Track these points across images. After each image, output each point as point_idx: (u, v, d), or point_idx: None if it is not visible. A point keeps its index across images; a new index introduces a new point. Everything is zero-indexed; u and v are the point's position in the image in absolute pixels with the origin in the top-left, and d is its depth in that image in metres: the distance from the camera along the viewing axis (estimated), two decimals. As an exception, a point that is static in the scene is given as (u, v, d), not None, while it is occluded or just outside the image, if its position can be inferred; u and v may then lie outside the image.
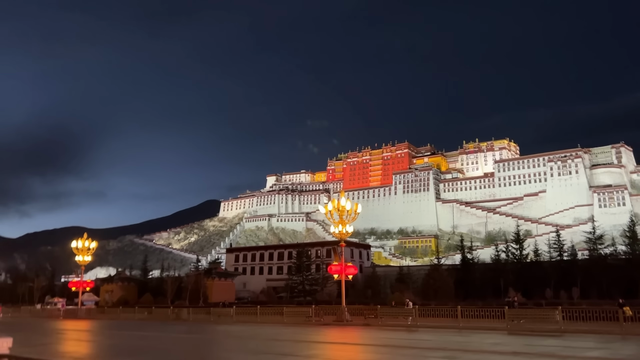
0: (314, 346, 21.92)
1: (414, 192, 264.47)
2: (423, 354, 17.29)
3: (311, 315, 42.33)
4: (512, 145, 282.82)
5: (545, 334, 27.46)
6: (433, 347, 20.07)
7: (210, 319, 48.28)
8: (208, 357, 16.86)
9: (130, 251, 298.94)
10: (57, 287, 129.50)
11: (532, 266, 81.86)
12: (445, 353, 17.40)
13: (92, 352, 20.14)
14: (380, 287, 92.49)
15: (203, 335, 30.08)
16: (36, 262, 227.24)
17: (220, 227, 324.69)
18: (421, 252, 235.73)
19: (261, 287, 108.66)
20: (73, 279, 76.88)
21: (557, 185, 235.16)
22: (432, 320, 37.32)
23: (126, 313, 58.31)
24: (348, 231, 42.81)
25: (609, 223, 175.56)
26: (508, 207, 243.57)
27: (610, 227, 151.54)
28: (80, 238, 64.01)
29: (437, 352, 17.63)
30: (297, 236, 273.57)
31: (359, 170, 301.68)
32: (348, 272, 42.60)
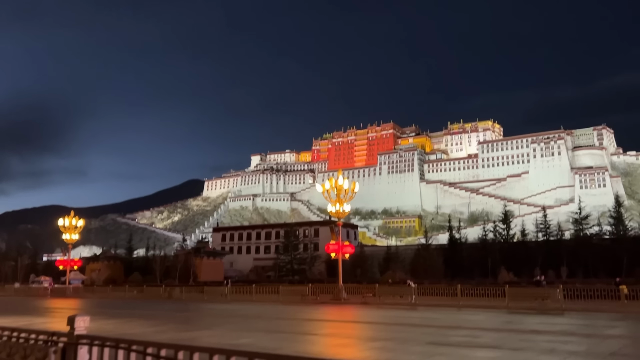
0: (325, 325, 21.71)
1: (398, 172, 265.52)
2: (444, 333, 17.12)
3: (307, 294, 42.21)
4: (496, 127, 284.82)
5: (547, 313, 27.67)
6: (448, 325, 19.97)
7: (203, 298, 47.89)
8: (225, 337, 16.46)
9: (113, 230, 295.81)
10: (39, 265, 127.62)
11: (519, 246, 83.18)
12: (465, 332, 17.27)
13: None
14: (368, 267, 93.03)
15: (206, 313, 29.72)
16: (16, 241, 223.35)
17: (204, 206, 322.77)
18: (405, 232, 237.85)
19: (248, 266, 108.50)
20: (60, 258, 75.63)
21: (539, 167, 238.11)
22: (430, 299, 37.45)
23: (116, 292, 57.62)
24: (345, 210, 42.50)
25: (590, 204, 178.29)
26: (491, 187, 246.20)
27: (591, 208, 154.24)
28: (66, 216, 62.68)
29: (457, 331, 17.48)
30: (281, 216, 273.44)
31: (344, 150, 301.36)
32: (345, 250, 42.47)
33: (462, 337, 15.75)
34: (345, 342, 15.00)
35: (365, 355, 12.15)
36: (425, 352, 12.55)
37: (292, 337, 16.50)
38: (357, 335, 17.37)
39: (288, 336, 16.77)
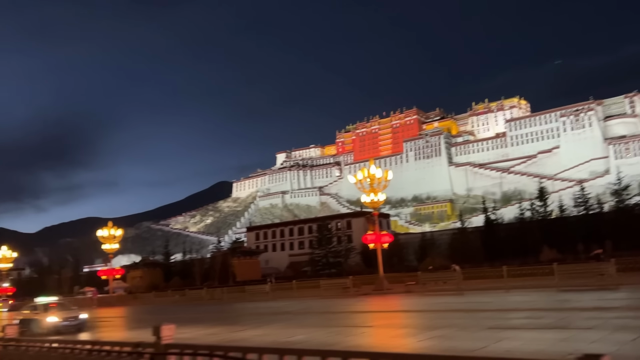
0: (375, 316, 21.41)
1: (425, 158, 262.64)
2: (502, 316, 16.63)
3: (349, 286, 41.95)
4: (523, 103, 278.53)
5: (602, 289, 26.73)
6: (502, 308, 19.45)
7: (245, 297, 48.14)
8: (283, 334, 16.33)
9: (148, 237, 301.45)
10: (82, 277, 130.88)
11: (558, 222, 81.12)
12: (524, 314, 16.75)
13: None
14: (404, 255, 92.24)
15: (252, 312, 29.77)
16: (57, 254, 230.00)
17: (234, 207, 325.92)
18: (437, 218, 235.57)
19: (283, 263, 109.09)
20: (102, 268, 77.27)
21: (571, 140, 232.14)
22: (474, 283, 36.74)
23: (159, 297, 58.47)
24: (380, 199, 42.02)
25: (628, 174, 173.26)
26: (522, 165, 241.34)
27: (629, 178, 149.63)
28: (105, 227, 63.89)
29: (515, 314, 16.99)
30: (311, 211, 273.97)
31: (369, 140, 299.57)
32: (383, 240, 42.01)
33: (523, 319, 15.25)
34: (402, 333, 14.66)
35: (428, 344, 11.80)
36: (490, 337, 12.12)
37: (346, 330, 16.25)
38: (412, 324, 17.00)
39: (342, 330, 16.52)
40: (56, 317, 23.79)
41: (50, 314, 24.18)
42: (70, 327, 23.32)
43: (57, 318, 23.70)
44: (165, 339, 4.39)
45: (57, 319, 23.68)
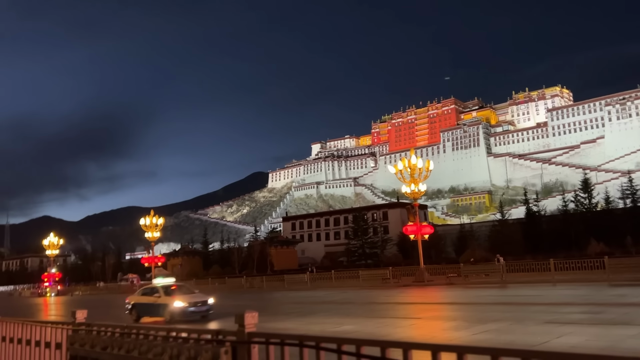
0: (421, 308, 21.08)
1: (463, 148, 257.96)
2: (556, 310, 16.05)
3: (388, 277, 41.62)
4: (565, 92, 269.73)
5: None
6: (555, 302, 18.82)
7: (284, 286, 48.43)
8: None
9: (187, 226, 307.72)
10: (124, 264, 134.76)
11: (604, 215, 78.36)
12: (580, 308, 16.12)
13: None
14: (442, 247, 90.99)
15: (293, 301, 29.85)
16: (100, 242, 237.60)
17: (270, 197, 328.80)
18: (475, 209, 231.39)
19: (319, 253, 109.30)
20: (144, 255, 79.18)
21: (616, 130, 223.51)
22: (518, 276, 35.84)
23: (199, 285, 59.41)
24: (421, 190, 41.38)
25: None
26: (564, 156, 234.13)
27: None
28: (147, 215, 65.23)
29: (570, 308, 16.37)
30: (346, 201, 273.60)
31: (405, 130, 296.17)
32: (424, 231, 41.42)
33: (581, 313, 14.66)
34: (453, 325, 14.30)
35: (484, 337, 11.44)
36: (549, 331, 11.66)
37: (395, 322, 16.01)
38: (461, 317, 16.59)
39: (390, 321, 16.29)
40: (183, 301, 20.30)
41: (176, 298, 20.64)
42: (197, 313, 20.39)
43: (184, 303, 20.25)
44: (248, 327, 4.26)
45: (183, 303, 20.22)
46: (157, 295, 21.41)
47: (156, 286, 22.59)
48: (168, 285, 22.58)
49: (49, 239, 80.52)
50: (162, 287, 22.07)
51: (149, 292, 22.47)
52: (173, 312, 20.02)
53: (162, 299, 20.93)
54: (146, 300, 21.82)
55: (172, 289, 22.05)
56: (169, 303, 20.31)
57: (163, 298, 20.94)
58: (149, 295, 22.06)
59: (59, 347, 7.04)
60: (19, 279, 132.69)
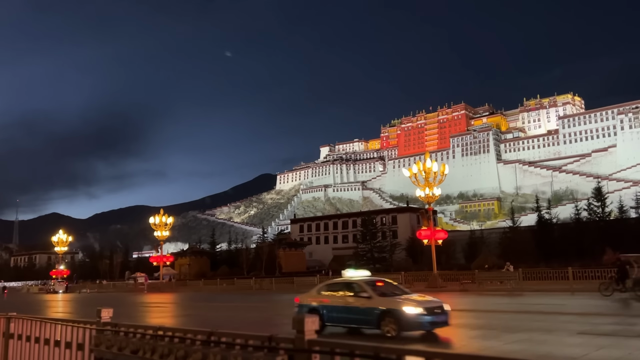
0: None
1: (473, 154, 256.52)
2: (586, 321, 15.42)
3: (401, 282, 40.92)
4: (577, 100, 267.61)
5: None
6: (582, 312, 18.18)
7: (293, 288, 47.86)
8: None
9: (194, 226, 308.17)
10: (131, 263, 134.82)
11: (617, 224, 77.30)
12: (611, 319, 15.48)
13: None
14: (451, 253, 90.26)
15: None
16: (107, 240, 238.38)
17: (277, 199, 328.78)
18: (484, 216, 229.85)
19: (327, 256, 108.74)
20: (153, 254, 79.08)
21: (628, 139, 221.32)
22: (534, 284, 35.13)
23: (208, 285, 59.17)
24: (435, 194, 40.77)
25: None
26: (575, 164, 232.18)
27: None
28: (157, 214, 65.14)
29: (601, 318, 15.74)
30: (353, 205, 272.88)
31: (414, 135, 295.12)
32: (438, 236, 40.82)
33: (614, 325, 14.04)
34: (480, 334, 13.73)
35: (518, 348, 10.89)
36: (585, 343, 11.08)
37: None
38: (486, 325, 16.00)
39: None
40: (416, 306, 13.89)
41: (402, 300, 14.29)
42: (436, 324, 14.02)
43: (418, 309, 13.80)
44: (308, 334, 3.75)
45: (417, 309, 13.76)
46: (365, 295, 14.78)
47: (354, 281, 15.81)
48: (371, 280, 16.03)
49: (58, 236, 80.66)
50: (365, 282, 15.47)
51: (341, 290, 15.86)
52: (402, 321, 13.66)
53: (374, 300, 14.49)
54: (339, 302, 15.34)
55: (379, 285, 15.64)
56: (393, 308, 13.94)
57: (375, 300, 14.50)
58: (342, 295, 15.60)
59: (81, 348, 6.58)
60: (27, 275, 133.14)
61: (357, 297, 14.84)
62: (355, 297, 14.89)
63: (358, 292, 15.02)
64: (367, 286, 15.08)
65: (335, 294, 15.78)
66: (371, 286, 15.21)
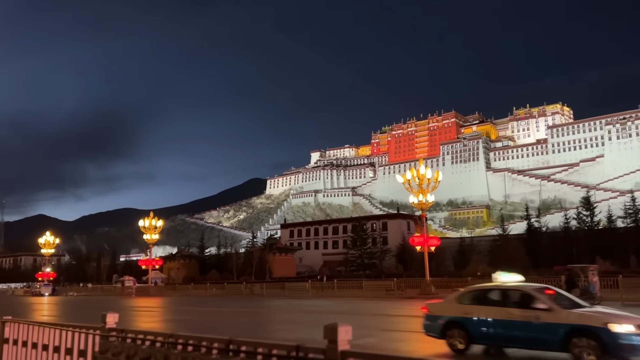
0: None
1: (462, 162, 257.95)
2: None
3: (393, 288, 40.85)
4: (566, 110, 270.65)
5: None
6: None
7: (285, 294, 47.57)
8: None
9: (183, 230, 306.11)
10: (118, 266, 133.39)
11: (606, 233, 77.96)
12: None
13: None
14: (440, 260, 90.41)
15: (300, 310, 29.04)
16: (94, 243, 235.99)
17: (267, 204, 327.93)
18: (472, 224, 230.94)
19: (317, 261, 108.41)
20: (142, 258, 78.22)
21: (616, 149, 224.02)
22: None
23: (197, 289, 58.58)
24: (429, 201, 40.73)
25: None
26: (563, 174, 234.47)
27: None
28: (146, 217, 64.46)
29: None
30: (343, 211, 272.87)
31: (405, 142, 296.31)
32: (430, 243, 40.78)
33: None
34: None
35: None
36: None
37: (418, 337, 15.24)
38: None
39: (411, 335, 15.55)
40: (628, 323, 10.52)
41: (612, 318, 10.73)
42: None
43: (630, 326, 10.41)
44: (341, 344, 3.52)
45: (629, 327, 10.37)
46: (541, 307, 11.38)
47: (520, 288, 12.40)
48: (539, 288, 12.72)
49: (45, 238, 79.54)
50: (535, 290, 12.21)
51: (497, 299, 12.52)
52: (608, 344, 10.24)
53: (557, 314, 11.08)
54: (498, 315, 11.98)
55: (549, 294, 12.11)
56: (590, 325, 10.60)
57: (559, 313, 11.11)
58: (500, 306, 12.18)
59: (83, 354, 6.28)
60: (12, 277, 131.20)
61: (526, 309, 11.52)
62: (524, 309, 11.57)
63: (527, 302, 11.70)
64: (542, 295, 11.75)
65: (487, 303, 12.46)
66: (547, 296, 11.87)
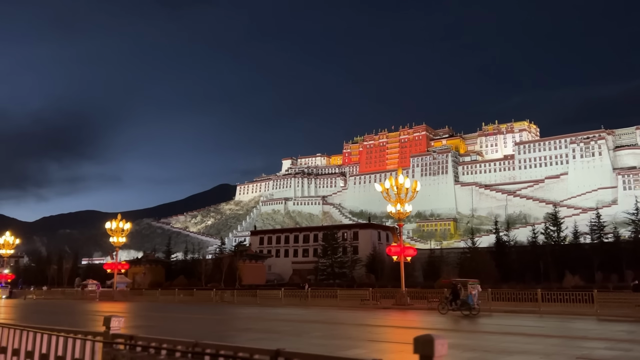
0: (422, 333, 19.95)
1: (432, 174, 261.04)
2: (575, 344, 15.11)
3: (368, 298, 40.41)
4: (533, 127, 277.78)
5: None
6: (565, 335, 17.95)
7: (256, 302, 46.54)
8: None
9: (148, 234, 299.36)
10: (80, 269, 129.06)
11: (572, 249, 79.67)
12: (600, 343, 15.20)
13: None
14: (409, 271, 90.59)
15: (276, 319, 28.23)
16: (55, 244, 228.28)
17: (236, 210, 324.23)
18: (440, 236, 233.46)
19: (286, 269, 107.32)
20: (106, 261, 75.66)
21: (579, 168, 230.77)
22: (501, 305, 35.18)
23: (165, 295, 56.90)
24: (407, 210, 40.56)
25: (633, 205, 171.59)
26: (529, 189, 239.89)
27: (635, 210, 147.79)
28: (114, 219, 62.43)
29: (589, 342, 15.46)
30: (313, 219, 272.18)
31: (376, 153, 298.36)
32: (407, 253, 40.56)
33: (608, 350, 13.76)
34: (478, 356, 13.16)
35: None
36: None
37: (406, 347, 14.79)
38: (478, 346, 15.47)
39: (401, 347, 15.05)
40: None
41: None
42: None
43: None
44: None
45: None
46: None
47: None
48: None
49: (4, 238, 76.14)
50: None
51: None
52: None
53: None
54: None
55: None
56: None
57: None
58: None
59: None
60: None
61: None
62: None
63: None
64: None
65: None
66: None
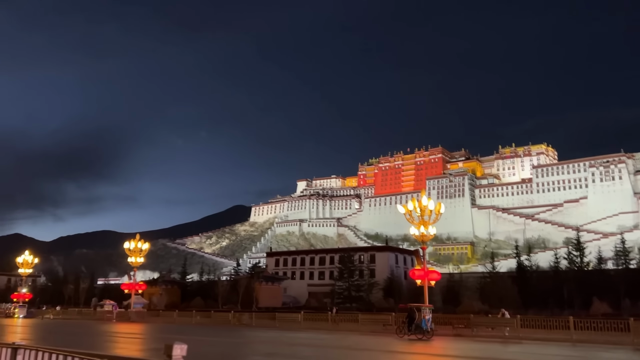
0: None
1: (448, 197, 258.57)
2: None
3: (391, 323, 39.37)
4: (550, 150, 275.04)
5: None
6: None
7: (275, 325, 45.72)
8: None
9: (163, 255, 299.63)
10: (96, 289, 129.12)
11: (596, 274, 77.50)
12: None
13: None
14: (429, 295, 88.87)
15: (299, 343, 27.50)
16: (72, 264, 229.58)
17: (251, 231, 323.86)
18: (457, 259, 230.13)
19: (302, 292, 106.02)
20: (123, 282, 75.45)
21: (599, 192, 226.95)
22: (531, 332, 33.98)
23: (182, 317, 56.25)
24: (430, 233, 39.71)
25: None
26: (547, 213, 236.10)
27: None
28: (132, 239, 62.42)
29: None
30: (328, 241, 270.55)
31: (391, 175, 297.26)
32: (431, 277, 39.57)
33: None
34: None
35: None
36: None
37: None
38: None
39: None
40: None
41: None
42: None
43: None
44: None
45: None
46: None
47: None
48: None
49: (23, 257, 76.48)
50: None
51: None
52: None
53: None
54: None
55: None
56: None
57: None
58: None
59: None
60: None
61: None
62: None
63: None
64: None
65: None
66: None
